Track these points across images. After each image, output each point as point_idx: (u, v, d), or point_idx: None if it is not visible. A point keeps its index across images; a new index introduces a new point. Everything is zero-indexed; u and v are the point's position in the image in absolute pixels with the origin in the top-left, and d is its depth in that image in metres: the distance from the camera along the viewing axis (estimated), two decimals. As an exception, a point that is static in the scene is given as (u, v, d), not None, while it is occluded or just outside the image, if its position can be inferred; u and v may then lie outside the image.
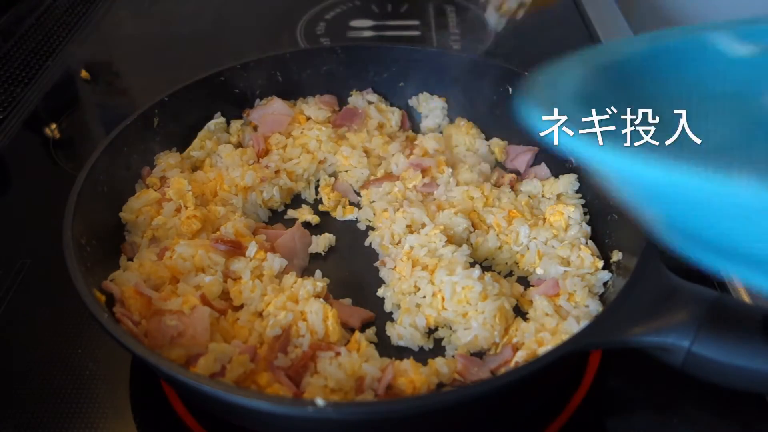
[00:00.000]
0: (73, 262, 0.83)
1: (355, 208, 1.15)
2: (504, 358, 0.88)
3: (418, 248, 1.00)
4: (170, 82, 1.17)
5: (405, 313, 0.94)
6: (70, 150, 1.40)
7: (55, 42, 1.74)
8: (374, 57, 1.29)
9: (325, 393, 0.82)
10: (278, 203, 1.16)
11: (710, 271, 0.56)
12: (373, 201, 1.13)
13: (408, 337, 0.93)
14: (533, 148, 1.18)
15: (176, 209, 1.05)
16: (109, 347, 0.97)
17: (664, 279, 0.77)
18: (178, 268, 0.96)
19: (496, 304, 0.92)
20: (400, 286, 0.97)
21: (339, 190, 1.17)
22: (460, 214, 1.05)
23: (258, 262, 0.99)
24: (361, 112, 1.25)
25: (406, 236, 1.03)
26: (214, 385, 0.71)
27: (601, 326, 0.76)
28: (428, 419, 0.76)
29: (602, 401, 0.91)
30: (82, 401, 0.90)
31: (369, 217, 1.12)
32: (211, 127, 1.21)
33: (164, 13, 1.93)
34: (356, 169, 1.18)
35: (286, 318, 0.90)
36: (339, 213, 1.15)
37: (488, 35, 1.30)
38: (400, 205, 1.08)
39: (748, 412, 0.89)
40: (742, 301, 1.00)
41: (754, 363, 0.68)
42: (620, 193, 0.56)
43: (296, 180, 1.18)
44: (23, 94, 1.53)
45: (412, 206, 1.06)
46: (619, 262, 0.95)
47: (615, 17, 1.81)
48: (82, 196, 0.93)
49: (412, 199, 1.10)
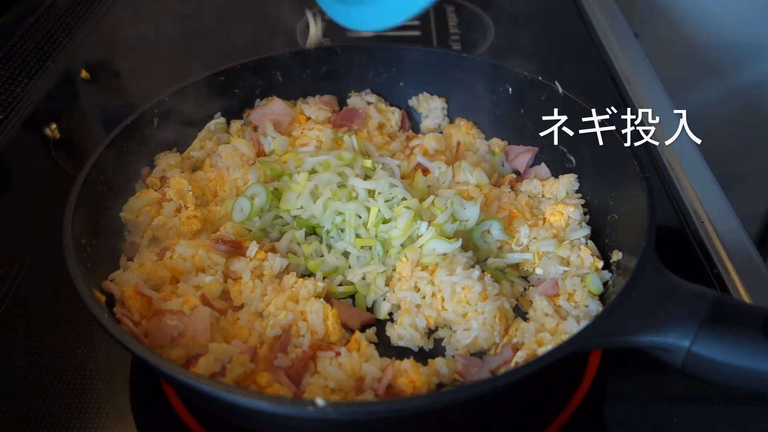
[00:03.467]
0: (73, 262, 0.83)
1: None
2: (504, 358, 0.88)
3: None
4: (170, 82, 1.17)
5: (405, 313, 0.95)
6: (70, 150, 1.40)
7: (55, 42, 1.74)
8: (374, 57, 1.29)
9: (325, 393, 0.82)
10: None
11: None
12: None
13: (408, 338, 0.93)
14: (533, 148, 1.18)
15: (176, 209, 1.05)
16: (109, 347, 0.97)
17: (664, 279, 0.77)
18: (179, 268, 0.96)
19: (496, 304, 0.92)
20: (401, 286, 0.98)
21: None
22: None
23: (258, 262, 0.98)
24: (362, 112, 1.25)
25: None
26: (214, 385, 0.71)
27: (600, 326, 0.76)
28: (428, 419, 0.76)
29: (602, 401, 0.91)
30: (82, 401, 0.91)
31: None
32: (211, 127, 1.21)
33: (164, 13, 1.92)
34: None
35: (286, 318, 0.90)
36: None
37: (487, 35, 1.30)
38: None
39: (748, 412, 0.89)
40: (742, 301, 1.01)
41: (754, 363, 0.69)
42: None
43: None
44: (23, 94, 1.53)
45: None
46: (619, 262, 0.95)
47: (615, 17, 1.81)
48: (82, 196, 0.93)
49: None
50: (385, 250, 1.00)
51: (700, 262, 1.09)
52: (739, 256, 1.09)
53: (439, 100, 1.29)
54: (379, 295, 0.99)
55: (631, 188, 0.94)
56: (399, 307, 0.97)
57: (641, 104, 1.46)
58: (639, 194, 0.91)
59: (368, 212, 1.01)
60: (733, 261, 1.08)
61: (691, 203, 1.20)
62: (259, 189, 1.04)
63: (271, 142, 1.17)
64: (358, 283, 0.99)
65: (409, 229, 0.99)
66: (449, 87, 1.28)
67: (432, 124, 1.29)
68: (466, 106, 1.27)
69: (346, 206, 1.01)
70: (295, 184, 1.05)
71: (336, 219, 1.02)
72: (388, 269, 1.00)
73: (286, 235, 1.02)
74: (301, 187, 1.03)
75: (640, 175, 0.93)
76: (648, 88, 1.51)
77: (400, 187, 1.03)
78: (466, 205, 1.04)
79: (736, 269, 1.07)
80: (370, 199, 1.02)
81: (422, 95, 1.30)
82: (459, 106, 1.28)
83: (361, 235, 1.01)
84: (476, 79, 1.23)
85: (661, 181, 1.26)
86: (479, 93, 1.23)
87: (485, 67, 1.21)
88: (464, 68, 1.24)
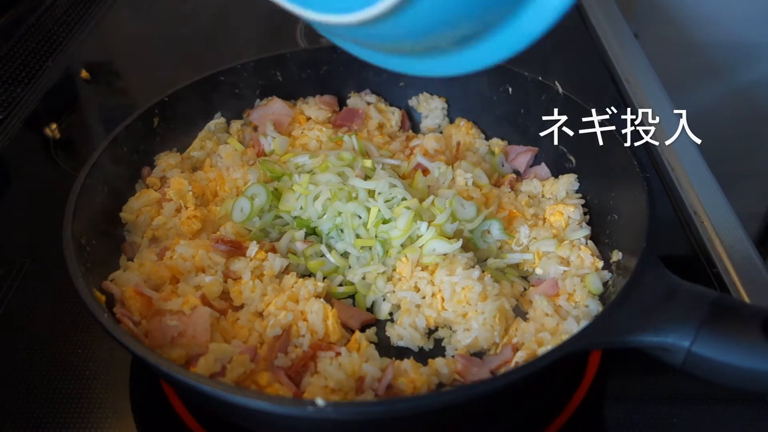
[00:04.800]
0: (73, 262, 0.83)
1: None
2: (504, 358, 0.88)
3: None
4: (170, 82, 1.17)
5: (405, 313, 0.95)
6: (70, 150, 1.40)
7: (55, 42, 1.74)
8: (374, 57, 1.29)
9: (325, 393, 0.82)
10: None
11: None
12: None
13: (408, 338, 0.93)
14: (533, 148, 1.18)
15: (176, 209, 1.05)
16: (109, 347, 0.97)
17: (664, 279, 0.77)
18: (179, 268, 0.96)
19: (496, 304, 0.92)
20: (401, 286, 0.98)
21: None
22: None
23: (258, 262, 0.98)
24: (362, 113, 1.25)
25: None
26: (214, 385, 0.71)
27: (601, 326, 0.76)
28: (428, 419, 0.76)
29: (602, 401, 0.91)
30: (82, 401, 0.91)
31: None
32: (211, 127, 1.21)
33: (164, 13, 1.93)
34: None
35: (286, 318, 0.90)
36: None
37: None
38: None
39: (748, 412, 0.89)
40: (742, 301, 1.00)
41: (754, 363, 0.69)
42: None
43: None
44: (23, 94, 1.53)
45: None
46: (619, 262, 0.95)
47: (615, 17, 1.81)
48: (82, 196, 0.93)
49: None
50: (385, 250, 1.00)
51: (700, 262, 1.09)
52: (739, 256, 1.09)
53: (439, 100, 1.29)
54: (379, 295, 0.99)
55: (631, 188, 0.94)
56: (399, 307, 0.97)
57: (641, 104, 1.46)
58: (639, 194, 0.91)
59: (368, 212, 1.01)
60: (733, 261, 1.08)
61: (691, 203, 1.20)
62: (259, 189, 1.04)
63: (271, 142, 1.17)
64: (358, 283, 0.99)
65: (409, 230, 0.99)
66: (449, 87, 1.28)
67: (432, 124, 1.29)
68: (466, 106, 1.27)
69: (346, 206, 1.01)
70: (296, 185, 1.05)
71: (336, 220, 1.02)
72: (388, 269, 1.00)
73: (285, 235, 1.02)
74: (303, 189, 1.03)
75: (640, 175, 0.93)
76: (648, 88, 1.51)
77: (400, 187, 1.03)
78: (465, 204, 1.04)
79: (736, 269, 1.07)
80: (370, 199, 1.02)
81: (422, 95, 1.30)
82: (459, 106, 1.28)
83: (360, 236, 1.01)
84: (476, 79, 1.23)
85: (661, 181, 1.26)
86: (479, 93, 1.23)
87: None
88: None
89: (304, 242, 1.02)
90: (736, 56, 2.05)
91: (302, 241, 1.02)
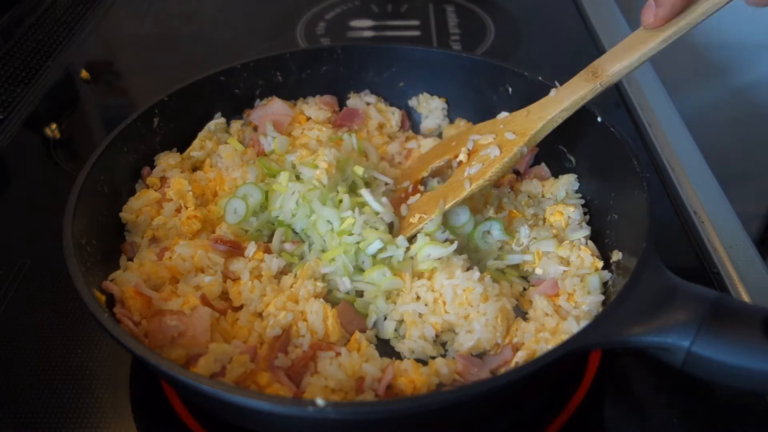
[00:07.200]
0: (73, 262, 0.83)
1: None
2: (504, 358, 0.88)
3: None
4: (170, 82, 1.17)
5: (411, 326, 0.93)
6: (70, 150, 1.40)
7: (55, 42, 1.74)
8: (374, 57, 1.29)
9: (325, 393, 0.82)
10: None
11: None
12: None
13: (419, 350, 0.92)
14: (533, 148, 1.18)
15: (176, 209, 1.05)
16: (109, 347, 0.97)
17: (664, 279, 0.77)
18: (178, 269, 0.96)
19: (497, 304, 0.92)
20: (402, 300, 0.96)
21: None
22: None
23: (257, 263, 0.99)
24: (361, 113, 1.26)
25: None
26: (214, 385, 0.71)
27: (601, 326, 0.76)
28: (428, 419, 0.76)
29: (602, 401, 0.91)
30: (82, 401, 0.91)
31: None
32: (211, 127, 1.21)
33: (164, 13, 1.93)
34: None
35: (286, 318, 0.90)
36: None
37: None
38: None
39: (748, 412, 0.89)
40: (742, 301, 1.00)
41: (754, 363, 0.68)
42: None
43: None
44: (23, 94, 1.53)
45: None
46: (619, 262, 0.95)
47: (615, 17, 1.81)
48: (82, 196, 0.93)
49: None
50: (358, 266, 0.99)
51: (700, 262, 1.09)
52: (739, 256, 1.09)
53: (439, 101, 1.29)
54: (380, 315, 0.97)
55: (631, 188, 0.94)
56: (402, 322, 0.96)
57: (641, 104, 1.46)
58: (639, 194, 0.91)
59: (341, 222, 0.99)
60: (733, 261, 1.08)
61: (691, 203, 1.20)
62: (251, 189, 1.04)
63: (271, 142, 1.17)
64: (357, 302, 0.97)
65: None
66: (449, 87, 1.28)
67: (432, 125, 1.29)
68: (466, 106, 1.27)
69: (322, 211, 0.99)
70: (275, 184, 1.05)
71: (312, 218, 1.01)
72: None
73: (276, 233, 1.02)
74: (283, 188, 1.03)
75: (640, 175, 0.93)
76: (648, 88, 1.51)
77: (381, 230, 1.00)
78: (459, 211, 1.04)
79: (736, 269, 1.07)
80: (348, 210, 1.00)
81: (422, 95, 1.30)
82: (459, 107, 1.28)
83: (326, 242, 1.00)
84: (476, 80, 1.23)
85: (661, 181, 1.26)
86: (479, 93, 1.23)
87: (485, 67, 1.21)
88: (464, 68, 1.24)
89: (292, 243, 1.02)
90: (736, 56, 2.04)
91: (291, 242, 1.02)
